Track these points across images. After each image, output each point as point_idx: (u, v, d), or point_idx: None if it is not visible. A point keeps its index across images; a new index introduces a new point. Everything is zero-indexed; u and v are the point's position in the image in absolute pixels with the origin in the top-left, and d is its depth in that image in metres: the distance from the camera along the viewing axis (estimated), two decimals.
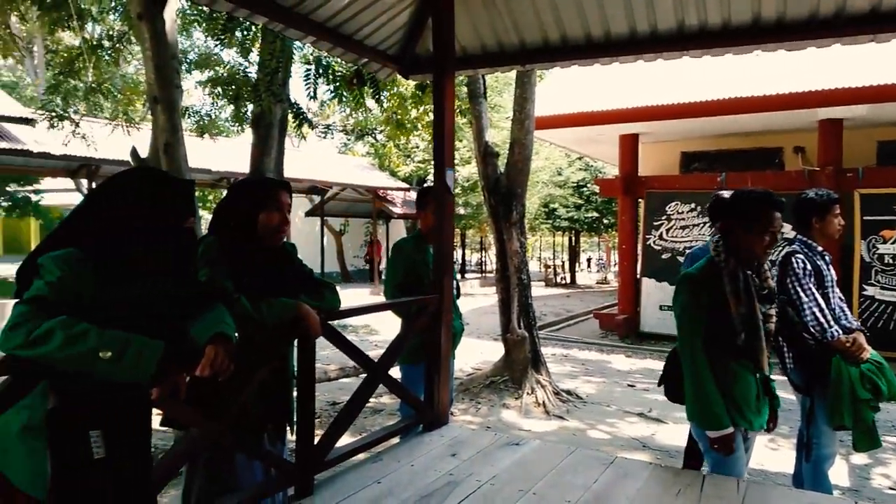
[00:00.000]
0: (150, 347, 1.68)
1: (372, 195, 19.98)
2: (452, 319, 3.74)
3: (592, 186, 20.96)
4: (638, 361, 8.93)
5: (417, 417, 3.52)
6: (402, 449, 3.21)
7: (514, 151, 6.89)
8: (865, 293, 8.61)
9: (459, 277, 6.88)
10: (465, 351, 6.58)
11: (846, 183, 8.69)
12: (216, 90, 6.36)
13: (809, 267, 3.06)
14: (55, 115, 6.80)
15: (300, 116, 6.15)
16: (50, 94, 6.89)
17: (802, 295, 3.02)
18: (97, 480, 1.68)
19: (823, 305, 3.02)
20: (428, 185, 4.57)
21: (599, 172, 21.10)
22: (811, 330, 2.99)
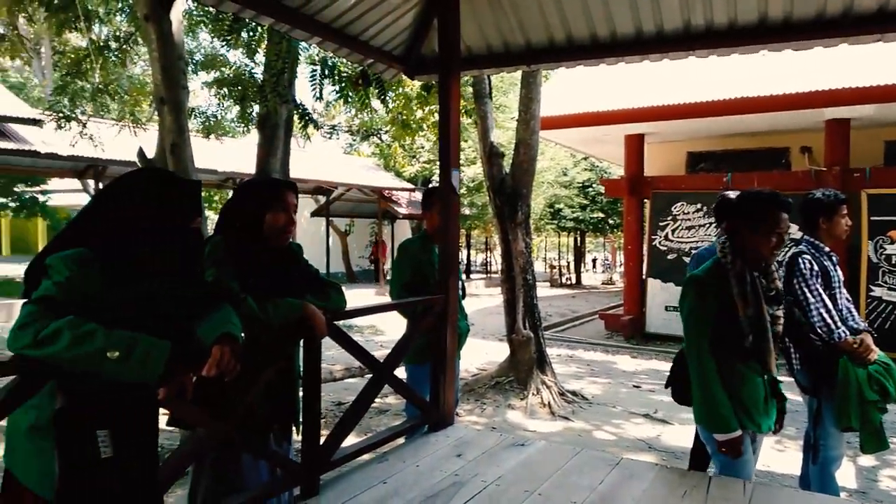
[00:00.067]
0: (157, 348, 1.68)
1: (377, 195, 20.02)
2: (458, 320, 3.74)
3: (598, 187, 20.93)
4: (643, 362, 8.91)
5: (423, 418, 3.53)
6: (407, 449, 3.21)
7: (519, 152, 6.89)
8: (873, 294, 8.56)
9: (465, 278, 6.88)
10: (470, 351, 6.57)
11: (853, 183, 8.65)
12: (222, 91, 6.37)
13: (816, 268, 3.05)
14: (62, 115, 6.82)
15: (305, 117, 6.16)
16: (57, 94, 6.92)
17: (809, 296, 3.01)
18: (105, 480, 1.68)
19: (830, 306, 3.01)
20: (433, 185, 4.56)
21: (605, 173, 21.08)
22: (818, 331, 2.97)
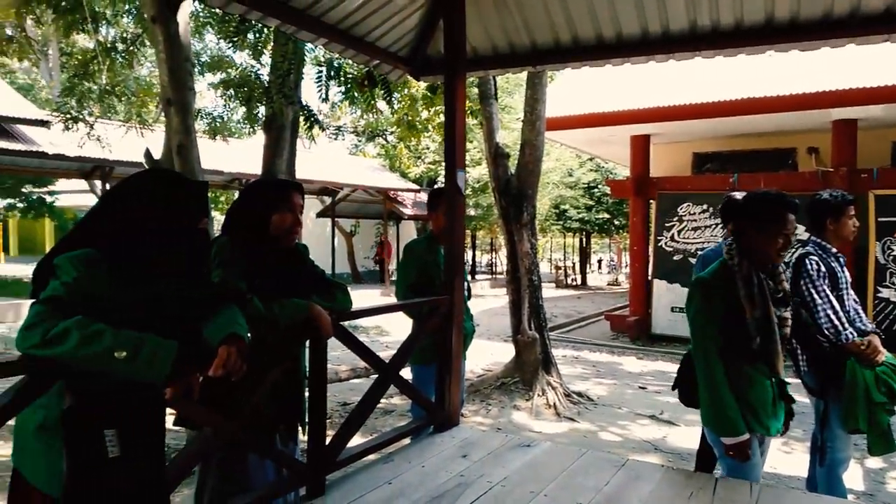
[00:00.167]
0: (164, 348, 1.69)
1: (383, 196, 20.04)
2: (463, 320, 3.74)
3: (603, 187, 20.89)
4: (649, 363, 8.89)
5: (428, 418, 3.53)
6: (412, 450, 3.21)
7: (524, 152, 6.88)
8: (880, 295, 8.52)
9: (470, 279, 6.88)
10: (475, 352, 6.57)
11: (860, 184, 8.60)
12: (229, 92, 6.40)
13: (823, 269, 3.04)
14: (70, 117, 6.86)
15: (311, 118, 6.17)
16: (65, 96, 6.95)
17: (816, 297, 2.99)
18: (112, 479, 1.69)
19: (838, 307, 2.99)
20: (439, 186, 4.57)
21: (610, 173, 21.03)
22: (825, 332, 2.96)
